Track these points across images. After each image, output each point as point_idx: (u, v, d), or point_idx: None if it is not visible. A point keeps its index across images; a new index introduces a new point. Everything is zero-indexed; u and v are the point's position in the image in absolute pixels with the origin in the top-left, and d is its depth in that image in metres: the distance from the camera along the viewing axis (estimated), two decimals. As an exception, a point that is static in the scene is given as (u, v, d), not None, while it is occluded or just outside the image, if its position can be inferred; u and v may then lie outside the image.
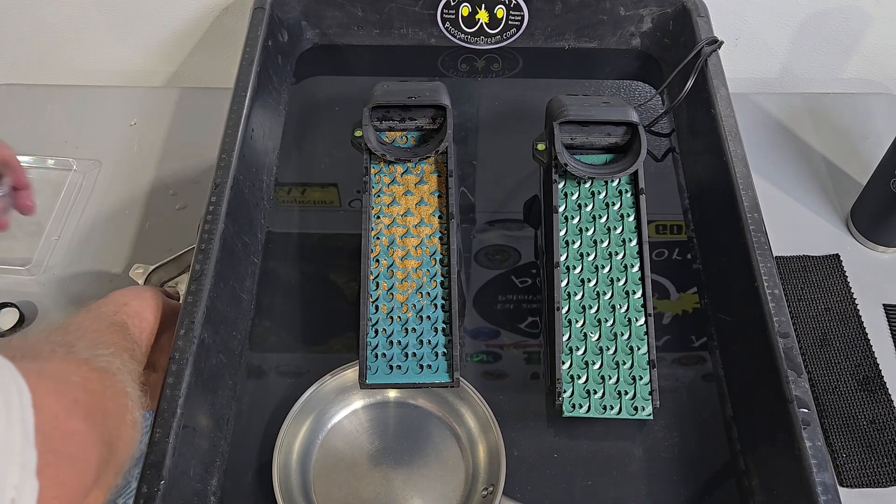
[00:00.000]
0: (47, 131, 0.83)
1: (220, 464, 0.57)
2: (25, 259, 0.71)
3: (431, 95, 0.63)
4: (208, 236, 0.60)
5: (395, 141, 0.65)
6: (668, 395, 0.61)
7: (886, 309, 0.69)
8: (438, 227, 0.62)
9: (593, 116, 0.63)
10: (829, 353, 0.65)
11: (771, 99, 0.86)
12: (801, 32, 0.87)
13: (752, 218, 0.61)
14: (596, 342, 0.59)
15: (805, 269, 0.70)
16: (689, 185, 0.74)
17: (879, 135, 0.82)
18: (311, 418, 0.58)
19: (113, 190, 0.78)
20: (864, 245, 0.73)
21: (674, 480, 0.57)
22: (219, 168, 0.64)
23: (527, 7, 0.81)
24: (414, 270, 0.61)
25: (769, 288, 0.58)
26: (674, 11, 0.80)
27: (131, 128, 0.83)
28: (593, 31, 0.83)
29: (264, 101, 0.74)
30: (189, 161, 0.79)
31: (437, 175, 0.63)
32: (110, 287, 0.70)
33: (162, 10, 0.86)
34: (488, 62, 0.85)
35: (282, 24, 0.81)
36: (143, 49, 0.91)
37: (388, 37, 0.84)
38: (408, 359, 0.58)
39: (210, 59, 0.91)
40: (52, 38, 0.90)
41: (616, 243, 0.61)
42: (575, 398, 0.57)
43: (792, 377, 0.53)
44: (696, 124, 0.74)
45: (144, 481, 0.50)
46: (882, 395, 0.63)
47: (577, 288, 0.60)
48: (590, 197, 0.63)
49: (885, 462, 0.59)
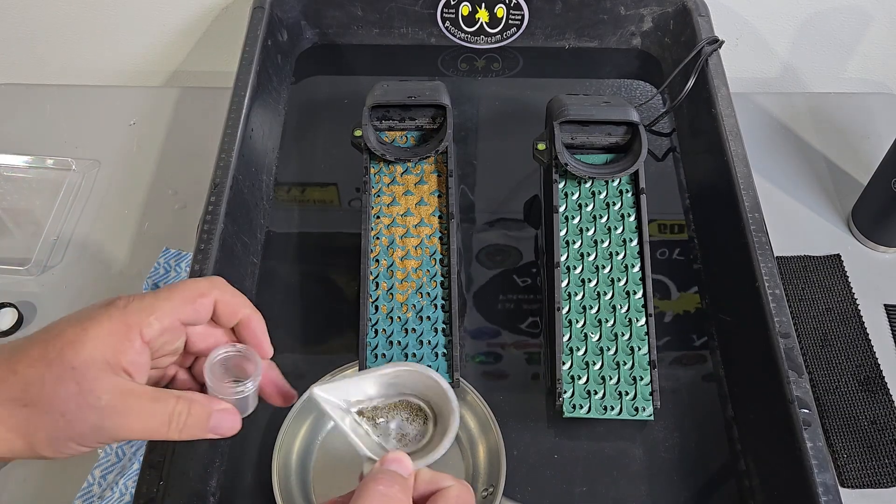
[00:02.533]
0: (46, 131, 0.83)
1: (220, 464, 0.57)
2: (24, 259, 0.71)
3: (431, 95, 0.63)
4: (207, 236, 0.60)
5: (394, 141, 0.65)
6: (669, 395, 0.61)
7: (887, 309, 0.68)
8: (438, 227, 0.62)
9: (594, 116, 0.63)
10: (829, 353, 0.65)
11: (771, 99, 0.86)
12: (801, 32, 0.87)
13: (752, 218, 0.61)
14: (596, 342, 0.59)
15: (806, 269, 0.70)
16: (690, 184, 0.74)
17: (880, 134, 0.82)
18: (310, 419, 0.58)
19: (112, 190, 0.78)
20: (865, 245, 0.72)
21: (674, 481, 0.57)
22: (218, 168, 0.64)
23: (527, 6, 0.81)
24: (414, 270, 0.60)
25: (770, 288, 0.57)
26: (674, 11, 0.80)
27: (131, 127, 0.83)
28: (594, 31, 0.83)
29: (264, 101, 0.74)
30: (189, 161, 0.79)
31: (437, 175, 0.63)
32: (110, 287, 0.70)
33: (161, 9, 0.86)
34: (488, 62, 0.84)
35: (281, 23, 0.80)
36: (143, 49, 0.91)
37: (387, 36, 0.84)
38: (407, 359, 0.58)
39: (210, 58, 0.91)
40: (52, 38, 0.90)
41: (616, 243, 0.61)
42: (575, 398, 0.57)
43: (793, 377, 0.53)
44: (696, 124, 0.74)
45: (144, 481, 0.50)
46: (883, 395, 0.63)
47: (577, 288, 0.60)
48: (590, 197, 0.63)
49: (886, 462, 0.59)
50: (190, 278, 0.43)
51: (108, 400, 0.35)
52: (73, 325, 0.37)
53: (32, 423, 0.35)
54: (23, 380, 0.35)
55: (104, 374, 0.36)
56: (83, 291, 0.70)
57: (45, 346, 0.35)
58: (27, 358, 0.35)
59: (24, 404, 0.35)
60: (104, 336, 0.36)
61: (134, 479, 0.57)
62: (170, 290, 0.39)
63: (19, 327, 0.67)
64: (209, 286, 0.41)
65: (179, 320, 0.39)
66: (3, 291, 0.70)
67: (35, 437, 0.35)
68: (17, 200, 0.76)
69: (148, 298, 0.38)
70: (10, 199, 0.76)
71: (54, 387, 0.35)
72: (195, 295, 0.40)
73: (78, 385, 0.35)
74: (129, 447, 0.59)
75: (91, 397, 0.35)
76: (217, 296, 0.41)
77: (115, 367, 0.36)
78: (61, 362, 0.35)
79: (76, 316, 0.37)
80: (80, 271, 0.72)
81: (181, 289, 0.40)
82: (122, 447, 0.59)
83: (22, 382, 0.35)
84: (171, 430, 0.38)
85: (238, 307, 0.42)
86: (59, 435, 0.35)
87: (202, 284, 0.40)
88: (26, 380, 0.35)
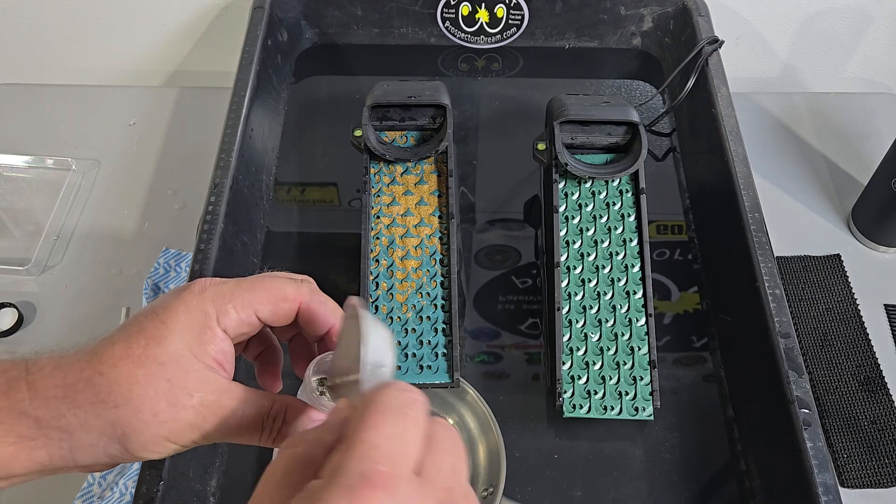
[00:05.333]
0: (46, 131, 0.83)
1: (220, 464, 0.57)
2: (24, 259, 0.71)
3: (431, 95, 0.63)
4: (207, 236, 0.60)
5: (394, 140, 0.65)
6: (669, 395, 0.61)
7: (887, 309, 0.68)
8: (438, 227, 0.62)
9: (594, 116, 0.63)
10: (829, 353, 0.65)
11: (772, 98, 0.85)
12: (801, 32, 0.87)
13: (752, 218, 0.61)
14: (596, 342, 0.59)
15: (806, 269, 0.70)
16: (690, 184, 0.74)
17: (880, 134, 0.82)
18: (310, 419, 0.58)
19: (112, 190, 0.78)
20: (865, 245, 0.72)
21: (674, 481, 0.57)
22: (218, 168, 0.64)
23: (527, 6, 0.81)
24: (414, 270, 0.60)
25: (770, 288, 0.57)
26: (674, 11, 0.80)
27: (130, 127, 0.83)
28: (594, 31, 0.83)
29: (264, 101, 0.74)
30: (188, 161, 0.79)
31: (437, 175, 0.63)
32: (110, 287, 0.70)
33: (161, 9, 0.86)
34: (488, 61, 0.84)
35: (281, 23, 0.80)
36: (143, 49, 0.91)
37: (387, 36, 0.84)
38: (407, 359, 0.58)
39: (209, 58, 0.91)
40: (52, 37, 0.90)
41: (616, 243, 0.61)
42: (575, 399, 0.57)
43: (793, 377, 0.53)
44: (696, 124, 0.74)
45: (144, 482, 0.50)
46: (883, 395, 0.63)
47: (577, 288, 0.60)
48: (590, 197, 0.63)
49: (886, 462, 0.59)
50: (281, 273, 0.39)
51: (201, 397, 0.34)
52: (151, 318, 0.34)
53: (125, 425, 0.33)
54: (109, 381, 0.33)
55: (194, 367, 0.34)
56: (83, 291, 0.70)
57: (127, 343, 0.34)
58: (111, 357, 0.33)
59: (114, 406, 0.33)
60: (185, 327, 0.34)
61: (134, 479, 0.57)
62: (253, 283, 0.37)
63: (19, 327, 0.67)
64: (295, 292, 0.37)
65: (257, 316, 0.37)
66: (3, 291, 0.70)
67: (129, 438, 0.33)
68: (17, 200, 0.76)
69: (228, 285, 0.36)
70: (10, 199, 0.76)
71: (144, 386, 0.33)
72: (278, 297, 0.37)
73: (169, 382, 0.33)
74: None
75: (183, 395, 0.34)
76: (304, 303, 0.38)
77: (203, 358, 0.34)
78: (147, 359, 0.33)
79: (152, 308, 0.35)
80: (80, 271, 0.72)
81: (266, 285, 0.37)
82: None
83: (109, 383, 0.33)
84: (263, 434, 0.36)
85: (325, 319, 0.38)
86: (154, 435, 0.34)
87: (288, 288, 0.37)
88: (113, 380, 0.33)
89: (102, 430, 0.33)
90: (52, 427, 0.33)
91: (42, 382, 0.33)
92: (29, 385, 0.33)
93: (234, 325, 0.36)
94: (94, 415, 0.33)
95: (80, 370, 0.33)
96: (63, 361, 0.34)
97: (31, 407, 0.33)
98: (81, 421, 0.33)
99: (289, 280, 0.38)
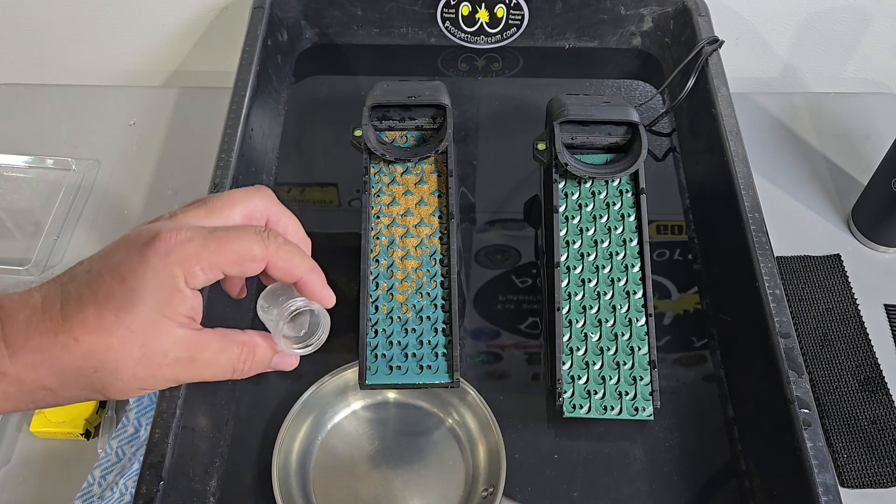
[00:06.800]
0: (46, 131, 0.83)
1: (220, 465, 0.57)
2: (24, 259, 0.71)
3: (431, 95, 0.63)
4: (207, 236, 0.60)
5: (394, 140, 0.65)
6: (669, 395, 0.61)
7: (887, 309, 0.68)
8: (438, 227, 0.62)
9: (594, 116, 0.63)
10: (830, 353, 0.65)
11: (771, 98, 0.85)
12: (801, 32, 0.87)
13: (752, 218, 0.61)
14: (596, 342, 0.59)
15: (806, 269, 0.70)
16: (690, 184, 0.74)
17: (880, 134, 0.82)
18: (310, 419, 0.58)
19: (112, 190, 0.78)
20: (865, 245, 0.72)
21: (674, 481, 0.57)
22: (218, 168, 0.64)
23: (527, 6, 0.81)
24: (414, 270, 0.60)
25: (770, 288, 0.57)
26: (674, 11, 0.80)
27: (130, 127, 0.83)
28: (594, 31, 0.83)
29: (264, 101, 0.74)
30: (188, 161, 0.79)
31: (437, 175, 0.63)
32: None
33: (161, 9, 0.86)
34: (488, 61, 0.84)
35: (281, 23, 0.80)
36: (143, 49, 0.91)
37: (387, 36, 0.84)
38: (408, 359, 0.58)
39: (209, 58, 0.91)
40: (52, 37, 0.90)
41: (616, 243, 0.61)
42: (575, 399, 0.57)
43: (793, 378, 0.53)
44: (696, 124, 0.74)
45: (144, 482, 0.50)
46: (883, 395, 0.63)
47: (577, 288, 0.60)
48: (590, 197, 0.63)
49: (886, 462, 0.59)
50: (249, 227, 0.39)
51: (176, 355, 0.36)
52: (118, 281, 0.35)
53: (105, 383, 0.36)
54: (84, 349, 0.34)
55: (166, 329, 0.36)
56: (83, 291, 0.70)
57: (98, 311, 0.34)
58: (83, 325, 0.34)
59: (93, 370, 0.35)
60: (154, 293, 0.35)
61: (134, 479, 0.57)
62: (219, 242, 0.37)
63: (19, 327, 0.67)
64: (263, 251, 0.38)
65: (224, 273, 0.37)
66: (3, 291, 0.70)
67: (108, 391, 0.36)
68: (17, 200, 0.76)
69: (194, 244, 0.36)
70: (10, 199, 0.76)
71: (119, 352, 0.35)
72: (245, 258, 0.37)
73: (144, 348, 0.35)
74: (130, 447, 0.59)
75: (158, 356, 0.36)
76: (271, 261, 0.39)
77: (174, 318, 0.36)
78: (119, 327, 0.34)
79: (116, 268, 0.35)
80: (80, 271, 0.71)
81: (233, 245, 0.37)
82: (122, 447, 0.59)
83: (84, 352, 0.35)
84: (234, 375, 0.39)
85: (291, 273, 0.40)
86: (133, 389, 0.36)
87: (256, 248, 0.38)
88: (88, 349, 0.34)
89: (83, 387, 0.36)
90: (36, 388, 0.35)
91: (19, 344, 0.35)
92: (6, 343, 0.35)
93: (201, 283, 0.37)
94: (73, 378, 0.35)
95: (54, 333, 0.35)
96: (34, 318, 0.35)
97: (12, 368, 0.35)
98: (62, 382, 0.35)
99: (256, 237, 0.38)
